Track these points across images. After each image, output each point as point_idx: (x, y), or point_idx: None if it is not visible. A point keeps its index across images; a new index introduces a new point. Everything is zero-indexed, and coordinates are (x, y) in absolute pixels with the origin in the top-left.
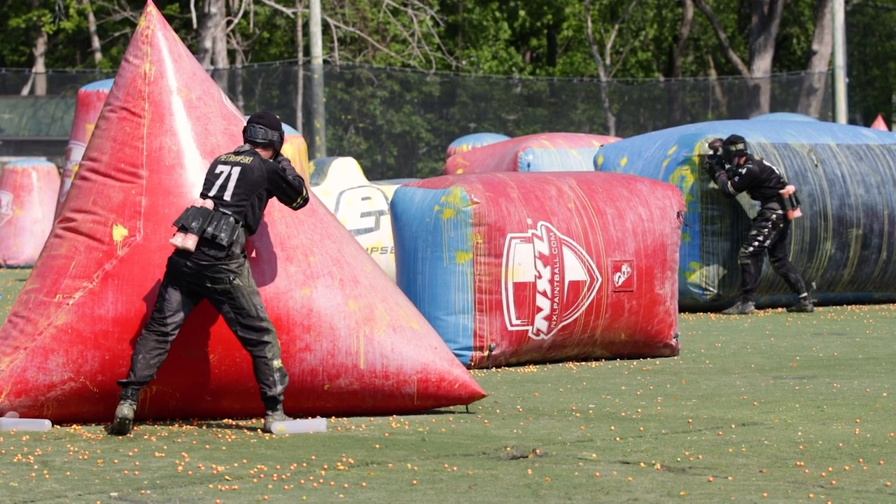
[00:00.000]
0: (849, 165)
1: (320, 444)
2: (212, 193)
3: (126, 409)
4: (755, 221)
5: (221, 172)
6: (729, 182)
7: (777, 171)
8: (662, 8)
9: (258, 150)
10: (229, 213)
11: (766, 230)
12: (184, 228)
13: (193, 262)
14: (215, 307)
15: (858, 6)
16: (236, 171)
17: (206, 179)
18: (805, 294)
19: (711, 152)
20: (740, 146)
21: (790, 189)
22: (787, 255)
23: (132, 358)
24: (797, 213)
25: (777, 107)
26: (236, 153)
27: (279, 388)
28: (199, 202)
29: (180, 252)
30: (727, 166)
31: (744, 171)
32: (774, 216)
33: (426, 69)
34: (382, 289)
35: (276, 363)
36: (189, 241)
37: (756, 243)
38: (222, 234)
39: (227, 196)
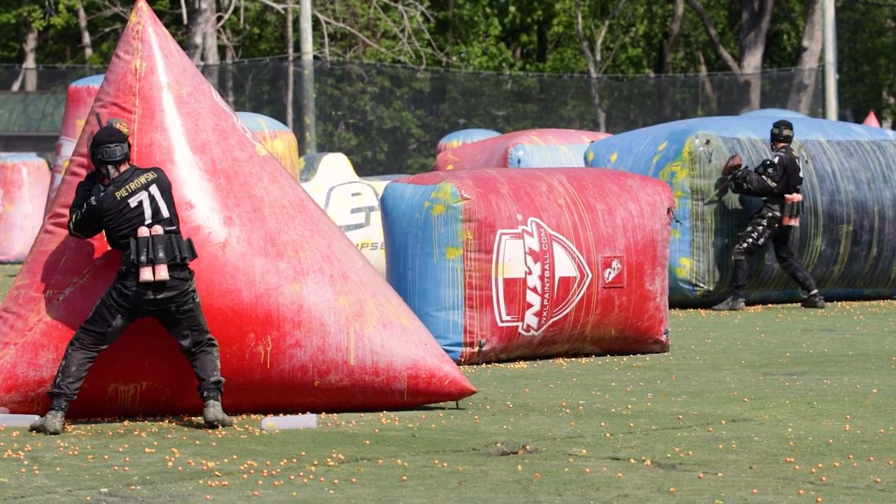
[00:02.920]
0: (839, 162)
1: (310, 440)
2: (150, 220)
3: (58, 423)
4: (752, 218)
5: (141, 201)
6: (766, 177)
7: (802, 175)
8: (653, 4)
9: (121, 167)
10: (174, 229)
11: (761, 228)
12: (150, 261)
13: (163, 294)
14: (166, 323)
15: (849, 2)
16: (153, 189)
17: (128, 218)
18: (815, 291)
19: (731, 175)
20: (789, 132)
21: (797, 197)
22: (793, 254)
23: (62, 370)
24: (793, 223)
25: (767, 103)
26: (129, 180)
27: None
28: (144, 231)
29: (144, 285)
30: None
31: (776, 159)
32: (770, 215)
33: (416, 65)
34: (373, 285)
35: (218, 362)
36: (163, 272)
37: (750, 240)
38: (186, 255)
39: (166, 213)
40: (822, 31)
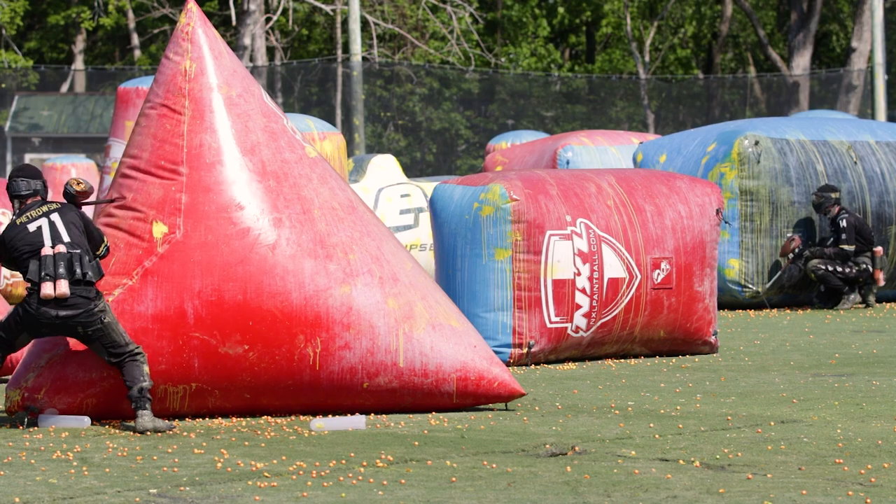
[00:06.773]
0: (888, 162)
1: (359, 442)
2: (51, 244)
3: None
4: (847, 258)
5: (40, 226)
6: (842, 246)
7: (868, 227)
8: (701, 5)
9: (27, 201)
10: (79, 252)
11: (849, 271)
12: (48, 277)
13: (66, 311)
14: (83, 342)
15: None
16: (55, 216)
17: (27, 241)
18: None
19: (794, 253)
20: (836, 195)
21: (880, 250)
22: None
23: None
24: (880, 276)
25: (816, 104)
26: (31, 209)
27: (149, 382)
28: (47, 251)
29: (45, 302)
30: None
31: (844, 223)
32: (864, 267)
33: (465, 66)
34: (422, 286)
35: (146, 368)
36: (63, 287)
37: (831, 269)
38: (89, 272)
39: (66, 238)
40: (870, 32)
